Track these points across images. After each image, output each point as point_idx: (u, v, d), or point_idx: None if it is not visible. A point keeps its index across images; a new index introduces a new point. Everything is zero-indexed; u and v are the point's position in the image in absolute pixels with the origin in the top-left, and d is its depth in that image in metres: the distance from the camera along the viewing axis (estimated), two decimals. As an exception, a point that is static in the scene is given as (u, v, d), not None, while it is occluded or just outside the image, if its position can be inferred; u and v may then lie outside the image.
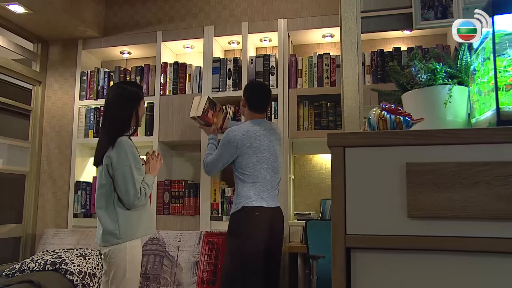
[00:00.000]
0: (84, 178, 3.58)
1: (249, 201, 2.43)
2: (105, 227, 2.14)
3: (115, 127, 2.22)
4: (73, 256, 2.86)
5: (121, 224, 2.13)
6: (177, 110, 3.34)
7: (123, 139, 2.18)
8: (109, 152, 2.16)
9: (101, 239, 2.17)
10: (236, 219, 2.46)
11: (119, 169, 2.12)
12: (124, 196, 2.12)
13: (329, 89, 3.13)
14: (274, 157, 2.58)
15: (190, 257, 2.94)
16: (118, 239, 2.12)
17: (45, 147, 3.65)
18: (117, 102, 2.26)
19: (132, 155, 2.16)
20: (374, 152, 0.88)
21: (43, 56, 3.71)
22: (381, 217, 0.87)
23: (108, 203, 2.16)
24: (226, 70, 3.30)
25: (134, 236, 2.16)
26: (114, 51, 3.69)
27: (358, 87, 1.36)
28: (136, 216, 2.20)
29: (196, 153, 3.47)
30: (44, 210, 3.57)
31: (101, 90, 3.56)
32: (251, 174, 2.48)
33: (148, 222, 2.28)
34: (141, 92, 2.36)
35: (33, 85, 3.66)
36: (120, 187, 2.12)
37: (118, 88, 2.34)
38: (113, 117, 2.24)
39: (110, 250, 2.13)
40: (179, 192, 3.27)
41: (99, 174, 2.22)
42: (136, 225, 2.18)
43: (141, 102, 2.33)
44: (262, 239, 2.41)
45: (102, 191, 2.18)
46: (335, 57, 3.16)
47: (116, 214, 2.14)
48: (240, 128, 2.55)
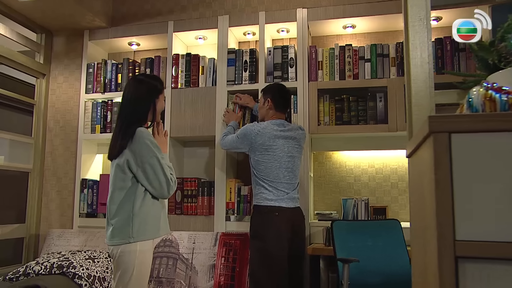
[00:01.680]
0: (91, 175, 3.40)
1: (267, 201, 2.42)
2: (118, 224, 1.97)
3: (132, 120, 2.06)
4: (81, 259, 2.68)
5: (136, 222, 1.97)
6: (190, 104, 3.16)
7: (141, 129, 2.04)
8: (129, 146, 2.00)
9: (110, 237, 1.99)
10: (256, 220, 2.45)
11: (147, 162, 1.98)
12: (158, 188, 2.00)
13: (352, 82, 2.96)
14: (289, 158, 2.55)
15: (206, 260, 2.77)
16: (130, 238, 1.95)
17: (49, 143, 3.46)
18: (135, 95, 2.12)
19: (154, 145, 2.03)
20: (489, 139, 0.71)
21: (47, 48, 3.52)
22: (499, 219, 0.70)
23: (125, 198, 2.00)
24: (242, 62, 3.12)
25: (147, 237, 1.99)
26: (121, 42, 3.51)
27: (429, 68, 1.18)
28: (154, 215, 2.04)
29: (210, 149, 3.30)
30: (48, 209, 3.38)
31: (108, 83, 3.38)
32: (264, 172, 2.49)
33: (164, 223, 2.12)
34: (161, 85, 2.22)
35: (36, 78, 3.48)
36: (152, 179, 1.99)
37: (136, 80, 2.21)
38: (129, 109, 2.10)
39: (119, 250, 1.95)
40: (192, 190, 3.09)
41: (115, 168, 2.05)
42: (151, 225, 2.02)
43: (160, 96, 2.18)
44: (283, 240, 2.35)
45: (119, 186, 2.01)
46: (357, 49, 3.00)
47: (132, 211, 1.98)
48: (258, 125, 2.61)
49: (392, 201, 3.06)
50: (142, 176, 1.99)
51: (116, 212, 2.00)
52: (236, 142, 2.63)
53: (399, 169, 3.09)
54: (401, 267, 2.34)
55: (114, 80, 3.37)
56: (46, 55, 3.51)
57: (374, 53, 2.96)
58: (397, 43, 2.94)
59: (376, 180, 3.12)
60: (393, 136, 2.95)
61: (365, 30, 3.20)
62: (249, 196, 2.98)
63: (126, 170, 2.00)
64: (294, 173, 2.55)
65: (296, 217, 2.50)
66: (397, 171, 3.09)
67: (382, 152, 3.11)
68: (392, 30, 3.17)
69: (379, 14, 2.97)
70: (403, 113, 2.80)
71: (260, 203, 2.45)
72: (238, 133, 2.65)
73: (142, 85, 2.15)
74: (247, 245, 2.75)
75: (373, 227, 2.52)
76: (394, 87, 2.86)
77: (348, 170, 3.17)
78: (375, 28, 3.17)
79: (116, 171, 2.04)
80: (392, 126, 2.82)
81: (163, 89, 2.21)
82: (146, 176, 1.99)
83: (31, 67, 3.35)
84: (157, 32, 3.33)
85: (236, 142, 2.63)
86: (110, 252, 2.02)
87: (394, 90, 2.86)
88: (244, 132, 2.59)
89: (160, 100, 2.17)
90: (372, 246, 2.43)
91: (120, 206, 2.00)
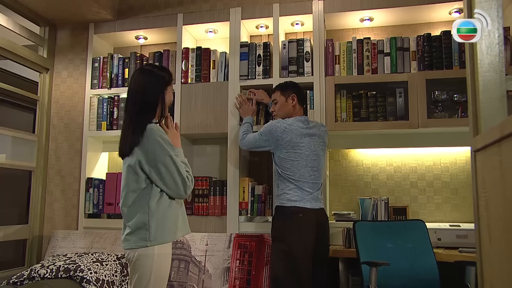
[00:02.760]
0: (96, 174, 3.27)
1: (291, 202, 2.31)
2: (134, 227, 1.85)
3: (140, 114, 1.93)
4: (89, 262, 2.55)
5: (153, 225, 1.84)
6: (200, 99, 3.03)
7: (152, 126, 1.90)
8: (140, 145, 1.87)
9: (126, 241, 1.87)
10: (279, 222, 2.33)
11: (160, 162, 1.85)
12: (174, 189, 1.88)
13: (370, 77, 2.84)
14: (315, 156, 2.43)
15: (220, 263, 2.64)
16: (147, 241, 1.82)
17: (53, 141, 3.32)
18: (142, 86, 1.98)
19: (167, 142, 1.89)
20: None
21: (51, 41, 3.38)
22: None
23: (140, 201, 1.87)
24: (255, 56, 3.00)
25: (165, 240, 1.87)
26: (128, 36, 3.37)
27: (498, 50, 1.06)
28: (171, 215, 1.91)
29: (221, 147, 3.17)
30: (52, 209, 3.24)
31: (115, 78, 3.24)
32: (290, 171, 2.36)
33: (183, 223, 1.98)
34: (169, 76, 2.06)
35: (39, 73, 3.33)
36: (167, 180, 1.86)
37: (143, 70, 2.07)
38: (137, 102, 1.96)
39: (136, 254, 1.83)
40: (203, 190, 2.96)
41: (127, 169, 1.92)
42: (169, 227, 1.89)
43: (169, 87, 2.04)
44: (308, 243, 2.24)
45: (133, 187, 1.88)
46: (376, 42, 2.87)
47: (148, 213, 1.85)
48: (284, 121, 2.47)
49: (411, 200, 2.94)
50: (156, 177, 1.87)
51: (131, 215, 1.88)
52: (260, 141, 2.50)
53: (418, 168, 2.97)
54: (428, 270, 2.23)
55: (121, 75, 3.24)
56: (50, 48, 3.37)
57: (394, 46, 2.84)
58: (418, 36, 2.82)
59: (394, 179, 3.00)
60: (414, 133, 2.84)
61: (382, 23, 3.08)
62: (264, 195, 2.86)
63: (139, 171, 1.87)
64: (319, 172, 2.43)
65: (320, 219, 2.37)
66: (416, 169, 2.97)
67: (400, 150, 3.00)
68: (411, 23, 3.06)
69: (399, 6, 2.85)
70: (425, 109, 2.68)
71: (284, 204, 2.32)
72: (261, 131, 2.51)
73: (150, 76, 2.00)
74: (263, 247, 2.63)
75: (396, 228, 2.40)
76: (415, 82, 2.74)
77: (365, 168, 3.05)
78: (394, 21, 3.05)
79: (129, 172, 1.91)
80: (414, 123, 2.70)
81: (171, 80, 2.06)
82: (161, 177, 1.86)
83: (34, 61, 3.21)
84: (166, 25, 3.20)
85: (259, 141, 2.50)
86: (126, 256, 1.89)
87: (415, 85, 2.74)
88: (269, 129, 2.45)
89: (168, 92, 2.03)
90: (397, 248, 2.31)
91: (135, 209, 1.87)
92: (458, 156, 2.92)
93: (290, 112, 2.56)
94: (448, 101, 2.80)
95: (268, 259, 2.60)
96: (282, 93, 2.59)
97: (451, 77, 2.71)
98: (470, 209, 2.84)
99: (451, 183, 2.91)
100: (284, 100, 2.57)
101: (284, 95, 2.58)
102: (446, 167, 2.93)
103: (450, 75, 2.71)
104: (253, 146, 2.57)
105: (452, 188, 2.90)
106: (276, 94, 2.62)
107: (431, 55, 2.77)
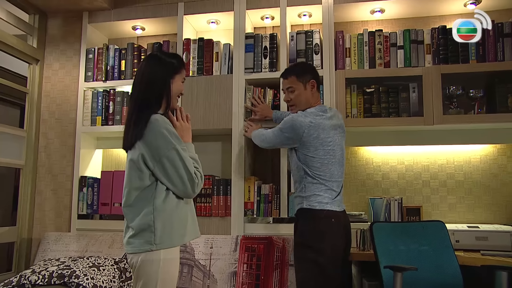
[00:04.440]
0: (90, 173, 3.07)
1: (323, 204, 2.08)
2: (138, 229, 1.67)
3: (143, 104, 1.75)
4: (84, 267, 2.36)
5: (158, 227, 1.66)
6: (203, 93, 2.86)
7: (156, 117, 1.70)
8: (144, 138, 1.69)
9: (129, 245, 1.69)
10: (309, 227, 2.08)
11: (165, 156, 1.67)
12: (180, 186, 1.68)
13: (383, 70, 2.71)
14: (341, 150, 2.22)
15: (226, 267, 2.48)
16: (152, 245, 1.64)
17: (44, 137, 3.11)
18: (146, 74, 1.80)
19: (172, 134, 1.70)
20: None
21: (41, 30, 3.16)
22: None
23: (144, 200, 1.69)
24: (261, 48, 2.84)
25: (172, 243, 1.69)
26: (124, 26, 3.18)
27: None
28: (179, 216, 1.73)
29: (224, 143, 3.01)
30: (43, 210, 3.03)
31: (110, 71, 3.05)
32: (320, 170, 2.12)
33: (192, 225, 1.80)
34: (179, 63, 1.86)
35: (29, 64, 3.12)
36: (172, 176, 1.67)
37: (149, 57, 1.89)
38: (140, 91, 1.79)
39: (140, 259, 1.65)
40: (206, 189, 2.79)
41: (130, 165, 1.74)
42: (177, 229, 1.70)
43: (177, 76, 1.84)
44: (339, 251, 2.07)
45: (136, 185, 1.70)
46: (389, 34, 2.75)
47: (153, 213, 1.67)
48: (308, 114, 2.16)
49: (424, 200, 2.82)
50: (160, 174, 1.68)
51: (134, 215, 1.70)
52: (281, 138, 2.20)
53: (431, 166, 2.85)
54: (451, 275, 2.10)
55: (117, 67, 3.04)
56: (40, 38, 3.15)
57: (407, 39, 2.71)
58: (432, 28, 2.70)
59: (406, 178, 2.87)
60: (426, 130, 2.72)
61: (394, 15, 2.95)
62: (271, 195, 2.71)
63: (142, 166, 1.69)
64: (343, 168, 2.23)
65: (347, 223, 2.19)
66: (429, 168, 2.85)
67: (411, 148, 2.88)
68: (423, 16, 2.93)
69: (413, -3, 2.73)
70: (440, 105, 2.57)
71: (315, 206, 2.07)
72: (282, 126, 2.19)
73: (156, 63, 1.82)
74: (272, 249, 2.48)
75: (416, 230, 2.26)
76: (430, 76, 2.62)
77: (376, 167, 2.92)
78: (406, 13, 2.92)
79: (131, 168, 1.73)
80: (429, 119, 2.58)
81: (181, 68, 1.85)
82: (165, 173, 1.68)
83: (23, 51, 2.99)
84: (166, 14, 3.02)
85: (280, 138, 2.20)
86: (129, 261, 1.71)
87: (430, 79, 2.61)
88: (291, 125, 2.14)
89: (176, 81, 1.83)
90: (417, 251, 2.18)
91: (138, 209, 1.69)
92: (472, 154, 2.81)
93: (309, 101, 2.24)
94: (464, 96, 2.69)
95: (278, 262, 2.45)
96: (300, 79, 2.24)
97: (468, 71, 2.60)
98: (485, 210, 2.74)
99: (465, 182, 2.79)
100: (302, 88, 2.24)
101: (302, 81, 2.24)
102: (460, 165, 2.81)
103: (467, 70, 2.60)
104: (272, 144, 2.30)
105: (466, 187, 2.79)
106: (291, 80, 2.27)
107: (447, 49, 2.65)
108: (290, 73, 2.29)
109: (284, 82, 2.32)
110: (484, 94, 2.65)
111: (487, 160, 2.78)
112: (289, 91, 2.28)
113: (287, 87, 2.29)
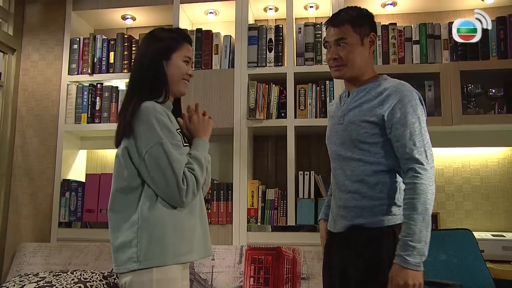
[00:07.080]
0: (74, 176, 2.77)
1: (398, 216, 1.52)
2: (119, 241, 1.38)
3: (135, 93, 1.47)
4: (69, 283, 2.06)
5: (144, 239, 1.35)
6: (201, 89, 2.61)
7: (148, 104, 1.41)
8: (131, 129, 1.41)
9: (114, 262, 1.40)
10: (389, 246, 1.47)
11: (148, 152, 1.37)
12: (165, 190, 1.38)
13: (397, 67, 2.53)
14: None
15: (230, 281, 2.22)
16: (136, 263, 1.34)
17: (20, 135, 2.79)
18: (139, 56, 1.55)
19: (163, 127, 1.40)
20: None
21: (18, 16, 2.85)
22: None
23: (128, 204, 1.40)
24: (266, 41, 2.61)
25: (163, 261, 1.36)
26: (113, 15, 2.90)
27: None
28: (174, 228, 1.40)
29: (223, 144, 2.76)
30: (18, 217, 2.71)
31: (98, 63, 2.76)
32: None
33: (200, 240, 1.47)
34: (176, 39, 1.55)
35: (4, 53, 2.79)
36: (155, 178, 1.37)
37: (145, 37, 1.59)
38: (132, 76, 1.54)
39: (129, 280, 1.35)
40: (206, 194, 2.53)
41: (115, 160, 1.47)
42: (172, 242, 1.38)
43: (173, 55, 1.52)
44: None
45: (120, 185, 1.43)
46: (403, 29, 2.57)
47: (138, 223, 1.37)
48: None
49: (438, 207, 2.64)
50: (144, 174, 1.39)
51: (117, 224, 1.40)
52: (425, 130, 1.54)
53: (445, 170, 2.68)
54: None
55: (105, 59, 2.76)
56: (17, 25, 2.83)
57: (424, 34, 2.54)
58: (450, 22, 2.53)
59: (418, 183, 2.68)
60: (441, 131, 2.54)
61: (406, 9, 2.78)
62: (276, 201, 2.47)
63: (128, 162, 1.41)
64: None
65: None
66: (443, 172, 2.67)
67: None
68: (438, 10, 2.77)
69: (428, -11, 2.56)
70: (459, 104, 2.40)
71: (397, 222, 1.50)
72: (417, 115, 1.50)
73: (148, 42, 1.54)
74: (281, 261, 2.24)
75: (442, 239, 2.07)
76: (448, 73, 2.45)
77: (387, 170, 2.72)
78: (419, 7, 2.75)
79: (117, 166, 1.46)
80: (447, 120, 2.40)
81: (179, 44, 1.54)
82: (148, 174, 1.38)
83: (-2, 39, 2.68)
84: (160, 2, 2.76)
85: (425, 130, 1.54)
86: (119, 282, 1.42)
87: (448, 77, 2.44)
88: (417, 103, 1.50)
89: (174, 61, 1.52)
90: (447, 262, 1.99)
91: (123, 216, 1.40)
92: (490, 157, 2.65)
93: (366, 65, 1.59)
94: (483, 95, 2.53)
95: (289, 276, 2.21)
96: (356, 30, 1.55)
97: (488, 68, 2.44)
98: (504, 217, 2.57)
99: (482, 187, 2.63)
100: (359, 42, 1.55)
101: (358, 33, 1.55)
102: (476, 169, 2.65)
103: (487, 67, 2.44)
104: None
105: (483, 193, 2.62)
106: (344, 29, 1.55)
107: (465, 44, 2.49)
108: (343, 19, 1.56)
109: (332, 32, 1.58)
110: (504, 93, 2.50)
111: (505, 164, 2.62)
112: (339, 45, 1.56)
113: (336, 38, 1.56)
